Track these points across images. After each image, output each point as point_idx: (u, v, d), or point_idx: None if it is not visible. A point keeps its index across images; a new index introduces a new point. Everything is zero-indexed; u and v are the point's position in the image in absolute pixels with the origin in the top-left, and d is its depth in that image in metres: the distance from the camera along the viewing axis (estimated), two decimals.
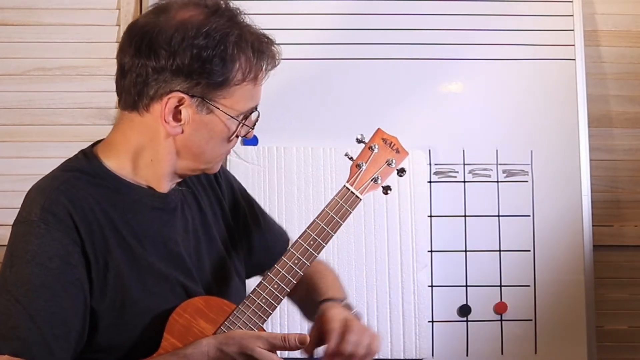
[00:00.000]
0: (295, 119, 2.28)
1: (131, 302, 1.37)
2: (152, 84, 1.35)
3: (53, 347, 1.30)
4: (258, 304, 1.40)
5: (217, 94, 1.37)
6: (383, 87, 2.30)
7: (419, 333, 2.19)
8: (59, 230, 1.33)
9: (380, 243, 2.21)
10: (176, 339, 1.36)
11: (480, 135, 2.30)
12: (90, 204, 1.37)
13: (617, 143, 2.39)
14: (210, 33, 1.34)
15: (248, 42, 1.38)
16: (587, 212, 2.27)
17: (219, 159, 1.48)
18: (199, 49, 1.33)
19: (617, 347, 2.36)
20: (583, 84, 2.31)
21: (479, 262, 2.26)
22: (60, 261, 1.32)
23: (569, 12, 2.33)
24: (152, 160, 1.42)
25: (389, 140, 1.48)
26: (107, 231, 1.37)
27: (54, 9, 2.35)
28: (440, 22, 2.32)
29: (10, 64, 2.34)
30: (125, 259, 1.37)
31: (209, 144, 1.41)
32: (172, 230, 1.45)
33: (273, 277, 1.42)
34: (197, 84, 1.35)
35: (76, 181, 1.40)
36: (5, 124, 2.33)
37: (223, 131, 1.40)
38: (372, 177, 1.46)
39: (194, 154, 1.42)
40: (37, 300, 1.30)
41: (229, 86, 1.37)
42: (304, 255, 1.43)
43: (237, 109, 1.39)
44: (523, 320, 2.24)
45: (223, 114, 1.38)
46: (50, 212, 1.34)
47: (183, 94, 1.35)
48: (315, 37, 2.29)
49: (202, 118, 1.38)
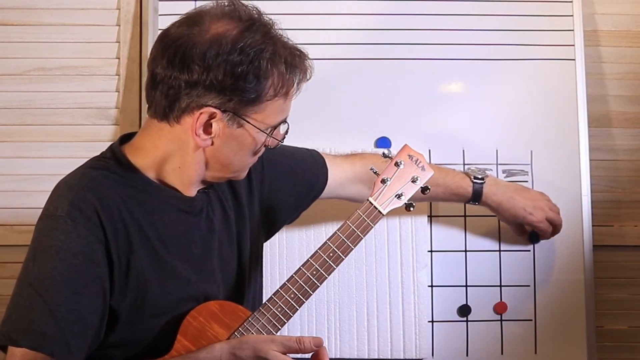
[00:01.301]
0: (295, 119, 2.28)
1: (151, 303, 1.37)
2: (184, 97, 1.35)
3: (70, 344, 1.30)
4: (273, 312, 1.41)
5: (249, 109, 1.37)
6: (383, 87, 2.30)
7: (419, 333, 2.19)
8: (85, 227, 1.34)
9: (380, 243, 2.21)
10: (189, 341, 1.37)
11: (480, 135, 2.30)
12: (117, 202, 1.38)
13: (617, 143, 2.39)
14: (245, 49, 1.34)
15: (282, 57, 1.39)
16: (587, 212, 2.27)
17: (246, 168, 1.49)
18: (232, 65, 1.33)
19: (617, 347, 2.36)
20: (583, 84, 2.31)
21: (479, 262, 2.26)
22: (84, 258, 1.33)
23: (569, 12, 2.33)
24: (180, 168, 1.43)
25: (415, 157, 1.48)
26: (132, 231, 1.38)
27: (54, 9, 2.35)
28: (441, 22, 2.32)
29: (10, 64, 2.34)
30: (148, 260, 1.38)
31: (237, 155, 1.42)
32: (197, 234, 1.46)
33: (290, 287, 1.43)
34: (230, 99, 1.35)
35: (104, 180, 1.41)
36: (5, 124, 2.33)
37: (252, 144, 1.42)
38: (396, 194, 1.46)
39: (222, 164, 1.43)
40: (58, 296, 1.31)
41: (261, 102, 1.38)
42: (323, 267, 1.44)
43: (268, 122, 1.41)
44: (523, 320, 2.24)
45: (253, 128, 1.39)
46: (77, 209, 1.35)
47: (215, 109, 1.36)
48: (315, 37, 2.29)
49: (232, 132, 1.39)
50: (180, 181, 1.43)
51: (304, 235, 2.16)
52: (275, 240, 2.18)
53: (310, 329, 2.16)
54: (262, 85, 1.36)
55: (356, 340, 2.19)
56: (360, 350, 2.18)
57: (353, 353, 2.18)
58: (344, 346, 2.18)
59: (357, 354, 2.18)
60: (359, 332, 2.19)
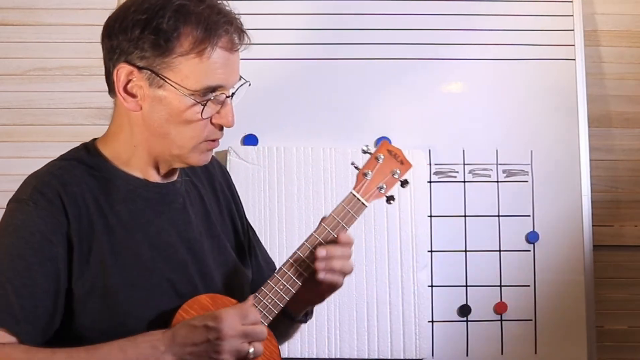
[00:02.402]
0: (295, 119, 2.28)
1: (112, 290, 1.38)
2: (110, 65, 1.41)
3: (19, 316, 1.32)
4: (264, 303, 1.42)
5: (162, 64, 1.37)
6: (383, 87, 2.30)
7: (419, 333, 2.19)
8: (45, 209, 1.37)
9: (380, 243, 2.21)
10: None
11: (480, 135, 2.30)
12: (82, 190, 1.40)
13: (616, 143, 2.39)
14: (150, 6, 1.38)
15: (192, 13, 1.38)
16: (587, 212, 2.27)
17: (190, 146, 1.44)
18: (137, 21, 1.37)
19: (617, 347, 2.36)
20: (583, 84, 2.31)
21: (479, 262, 2.26)
22: (41, 237, 1.35)
23: (569, 12, 2.33)
24: (135, 147, 1.44)
25: (394, 151, 1.51)
26: (95, 218, 1.39)
27: (54, 9, 2.35)
28: (441, 22, 2.32)
29: (10, 64, 2.34)
30: (109, 246, 1.38)
31: (170, 123, 1.40)
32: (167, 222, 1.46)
33: (279, 278, 1.43)
34: (141, 55, 1.37)
35: (72, 169, 1.43)
36: (5, 124, 2.33)
37: (179, 109, 1.39)
38: (378, 186, 1.49)
39: (160, 134, 1.42)
40: (11, 270, 1.34)
41: (172, 56, 1.37)
42: (310, 258, 1.44)
43: (189, 86, 1.38)
44: (523, 320, 2.24)
45: (174, 89, 1.37)
46: (40, 193, 1.38)
47: (128, 65, 1.38)
48: (316, 37, 2.29)
49: (155, 93, 1.39)
50: (139, 163, 1.44)
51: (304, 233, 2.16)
52: (275, 239, 2.19)
53: (310, 329, 2.17)
54: (168, 37, 1.36)
55: (356, 340, 2.19)
56: (360, 350, 2.18)
57: (353, 353, 2.18)
58: (344, 346, 2.18)
59: (357, 354, 2.18)
60: (359, 332, 2.19)
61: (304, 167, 2.24)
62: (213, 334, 1.32)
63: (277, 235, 2.19)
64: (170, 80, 1.38)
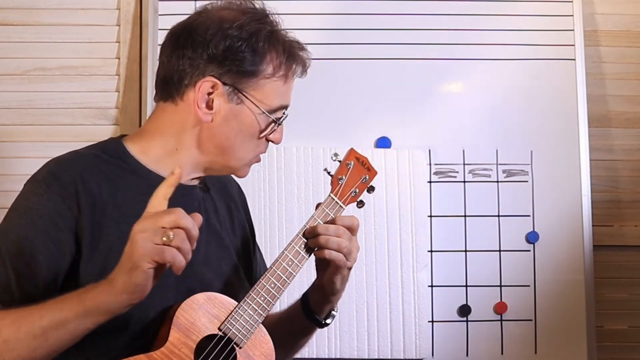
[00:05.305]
0: (295, 119, 2.28)
1: None
2: (187, 71, 1.44)
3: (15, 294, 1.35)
4: (257, 301, 1.46)
5: (248, 84, 1.44)
6: (383, 87, 2.30)
7: (419, 333, 2.19)
8: (57, 194, 1.40)
9: (380, 243, 2.21)
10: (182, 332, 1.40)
11: (480, 135, 2.30)
12: (100, 180, 1.43)
13: (616, 143, 2.40)
14: (244, 26, 1.44)
15: (280, 41, 1.48)
16: (587, 212, 2.27)
17: (247, 160, 1.52)
18: (232, 39, 1.43)
19: (617, 347, 2.36)
20: (583, 84, 2.31)
21: (479, 262, 2.26)
22: (49, 220, 1.38)
23: (569, 12, 2.33)
24: (177, 150, 1.48)
25: (361, 159, 1.58)
26: (110, 209, 1.42)
27: (54, 9, 2.35)
28: (441, 22, 2.32)
29: (10, 64, 2.34)
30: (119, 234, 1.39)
31: (238, 137, 1.47)
32: None
33: (270, 277, 1.48)
34: (229, 71, 1.43)
35: (94, 158, 1.47)
36: (5, 124, 2.33)
37: (252, 125, 1.47)
38: (351, 190, 1.57)
39: (223, 147, 1.47)
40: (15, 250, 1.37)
41: (259, 77, 1.45)
42: (297, 257, 1.50)
43: (267, 103, 1.46)
44: (523, 320, 2.24)
45: (253, 105, 1.45)
46: (55, 177, 1.41)
47: (215, 80, 1.43)
48: (316, 37, 2.29)
49: (232, 108, 1.45)
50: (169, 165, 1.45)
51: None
52: (275, 239, 2.19)
53: None
54: (259, 60, 1.44)
55: (356, 340, 2.19)
56: (360, 350, 2.18)
57: (353, 353, 2.18)
58: (344, 346, 2.18)
59: (357, 354, 2.18)
60: (359, 332, 2.19)
61: (304, 167, 2.24)
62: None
63: (277, 235, 2.20)
64: (252, 98, 1.45)
